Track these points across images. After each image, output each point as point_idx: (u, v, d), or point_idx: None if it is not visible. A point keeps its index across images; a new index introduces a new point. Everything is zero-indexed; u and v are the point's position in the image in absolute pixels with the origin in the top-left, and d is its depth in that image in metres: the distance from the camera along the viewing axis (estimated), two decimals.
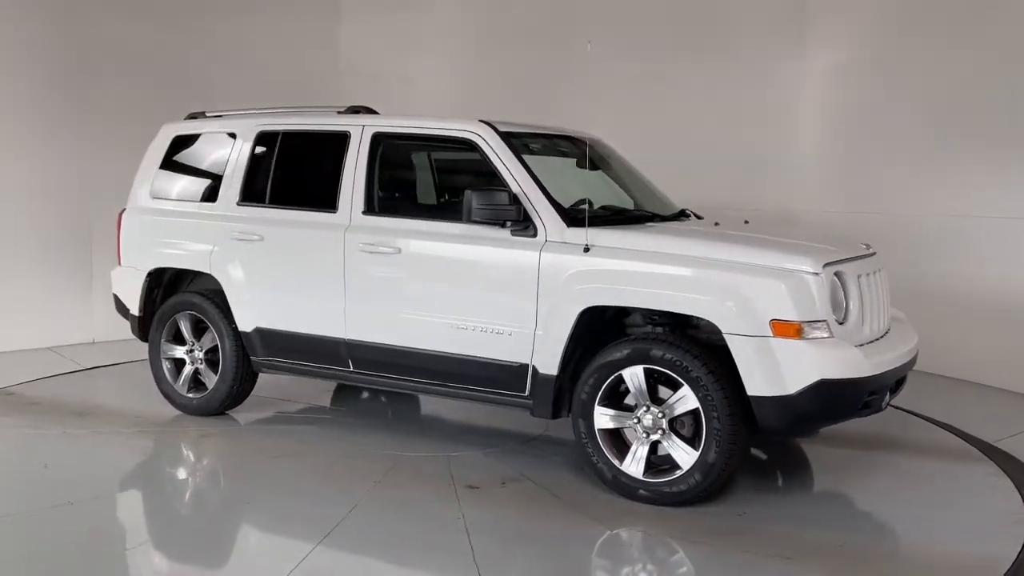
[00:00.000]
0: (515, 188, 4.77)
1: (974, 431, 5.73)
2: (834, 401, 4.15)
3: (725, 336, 4.18)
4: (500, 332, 4.77)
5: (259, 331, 5.61)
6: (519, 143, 5.05)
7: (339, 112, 5.68)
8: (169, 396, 6.07)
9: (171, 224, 6.01)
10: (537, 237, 4.69)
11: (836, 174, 8.19)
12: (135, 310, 6.18)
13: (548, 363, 4.64)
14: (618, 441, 4.57)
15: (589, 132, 5.50)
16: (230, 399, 5.90)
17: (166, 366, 6.07)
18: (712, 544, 4.05)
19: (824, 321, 4.15)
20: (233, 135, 5.88)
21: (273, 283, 5.56)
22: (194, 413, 5.95)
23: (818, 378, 4.07)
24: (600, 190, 5.42)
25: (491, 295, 4.82)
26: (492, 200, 4.67)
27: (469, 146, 5.07)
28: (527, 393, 4.78)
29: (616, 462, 4.52)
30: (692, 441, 4.34)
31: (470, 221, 4.75)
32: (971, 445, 5.52)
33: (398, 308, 5.11)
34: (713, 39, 8.60)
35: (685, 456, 4.35)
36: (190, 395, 5.99)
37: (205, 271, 5.80)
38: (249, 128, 5.81)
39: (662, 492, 4.41)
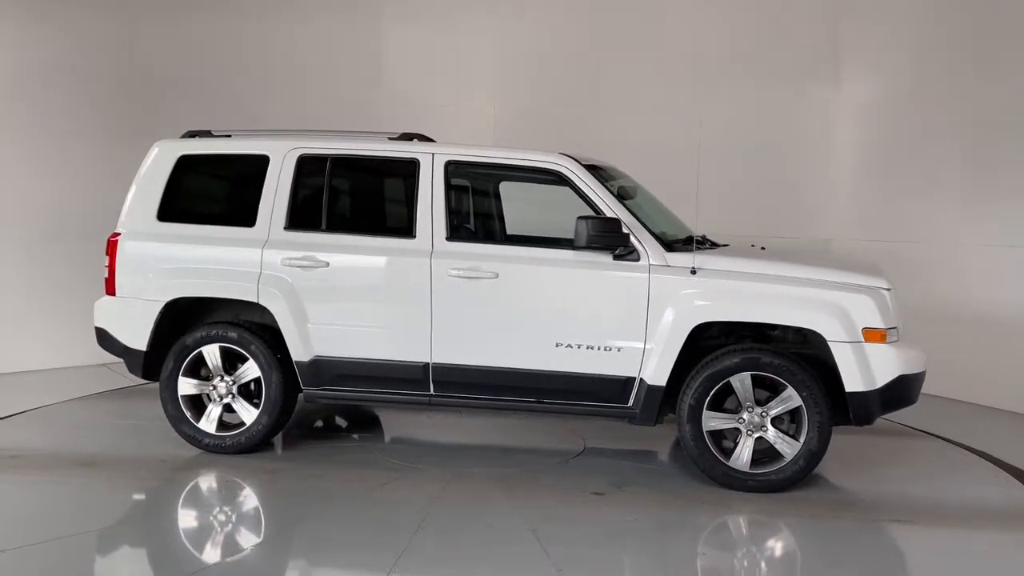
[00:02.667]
0: (610, 216, 5.20)
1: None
2: (905, 392, 5.11)
3: (829, 343, 4.97)
4: (609, 349, 5.18)
5: (317, 360, 5.45)
6: (598, 174, 5.48)
7: (391, 139, 5.70)
8: (193, 437, 5.62)
9: (196, 250, 5.60)
10: (641, 261, 5.17)
11: (866, 204, 8.49)
12: (139, 345, 5.64)
13: (657, 375, 5.13)
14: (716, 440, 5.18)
15: (604, 160, 6.00)
16: (272, 433, 5.63)
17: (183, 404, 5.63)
18: (825, 516, 4.82)
19: (896, 327, 5.10)
20: (264, 157, 5.63)
21: (339, 310, 5.44)
22: (225, 452, 5.58)
23: (898, 374, 5.01)
24: (643, 215, 5.96)
25: (600, 315, 5.20)
26: (606, 228, 5.07)
27: (555, 177, 5.42)
28: (631, 404, 5.22)
29: (723, 459, 5.13)
30: (792, 434, 5.08)
31: (582, 247, 5.12)
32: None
33: (495, 330, 5.29)
34: (745, 70, 8.92)
35: (788, 448, 5.07)
36: (220, 433, 5.61)
37: (250, 299, 5.50)
38: (283, 150, 5.62)
39: (770, 481, 5.09)
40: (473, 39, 9.69)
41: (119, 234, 5.72)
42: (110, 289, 5.74)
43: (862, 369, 4.97)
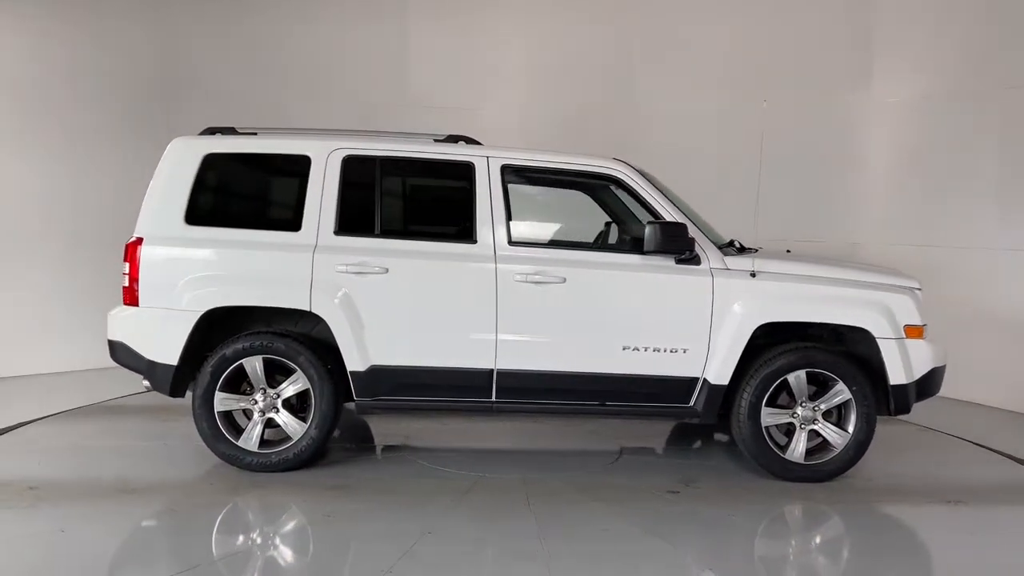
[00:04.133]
0: (676, 220, 5.34)
1: None
2: (935, 383, 5.56)
3: (878, 340, 5.34)
4: (675, 350, 5.31)
5: (374, 369, 5.24)
6: (650, 179, 5.59)
7: (437, 140, 5.56)
8: (233, 456, 5.27)
9: (237, 256, 5.23)
10: (702, 265, 5.34)
11: (900, 208, 8.52)
12: (169, 359, 5.20)
13: (720, 374, 5.32)
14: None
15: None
16: (321, 448, 5.36)
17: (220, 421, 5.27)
18: (886, 501, 5.20)
19: (927, 324, 5.55)
20: (305, 158, 5.34)
21: (399, 318, 5.25)
22: (271, 470, 5.26)
23: (932, 366, 5.46)
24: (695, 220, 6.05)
25: (666, 318, 5.31)
26: (675, 232, 5.20)
27: (611, 182, 5.49)
28: (692, 403, 5.39)
29: (779, 452, 5.40)
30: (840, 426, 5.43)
31: (651, 252, 5.22)
32: None
33: (562, 335, 5.29)
34: (775, 72, 8.95)
35: (838, 438, 5.41)
36: (264, 450, 5.28)
37: (301, 308, 5.20)
38: (325, 151, 5.35)
39: (823, 470, 5.41)
40: (499, 42, 9.66)
41: (140, 239, 5.25)
42: (130, 299, 5.25)
43: (904, 363, 5.37)
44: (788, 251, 6.28)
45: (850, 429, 5.40)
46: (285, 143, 5.45)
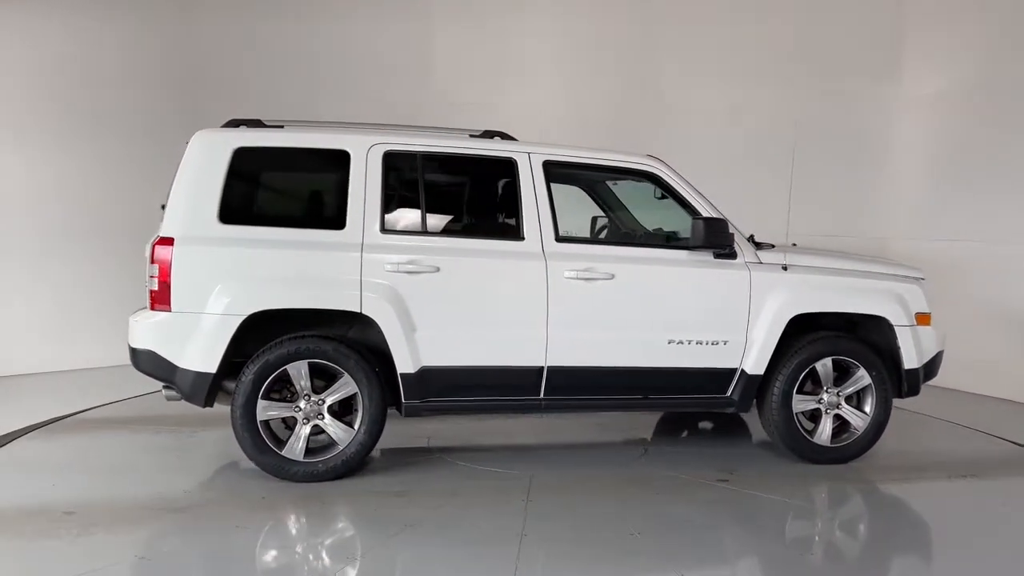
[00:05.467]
0: (716, 216, 5.48)
1: None
2: (938, 366, 5.97)
3: (895, 327, 5.69)
4: (717, 343, 5.46)
5: (425, 371, 5.11)
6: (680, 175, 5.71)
7: (472, 136, 5.47)
8: (278, 467, 5.00)
9: (281, 256, 4.95)
10: (738, 259, 5.51)
11: (931, 201, 8.46)
12: (206, 366, 4.87)
13: (757, 365, 5.52)
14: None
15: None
16: (368, 453, 5.18)
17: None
18: (910, 478, 5.59)
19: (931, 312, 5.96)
20: (344, 153, 5.13)
21: (450, 317, 5.13)
22: (319, 479, 5.03)
23: (937, 350, 5.88)
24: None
25: (709, 312, 5.46)
26: (719, 228, 5.34)
27: (647, 177, 5.57)
28: (729, 393, 5.56)
29: (808, 437, 5.66)
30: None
31: (698, 247, 5.35)
32: None
33: (611, 331, 5.33)
34: (803, 64, 8.86)
35: (860, 421, 5.73)
36: (311, 459, 5.04)
37: (352, 309, 4.99)
38: (364, 146, 5.15)
39: (846, 452, 5.72)
40: (522, 37, 9.58)
41: (170, 239, 4.88)
42: (161, 302, 4.87)
43: (916, 348, 5.76)
44: (794, 244, 6.56)
45: (869, 411, 5.73)
46: (320, 137, 5.21)
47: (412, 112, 8.04)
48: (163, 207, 5.91)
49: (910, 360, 5.75)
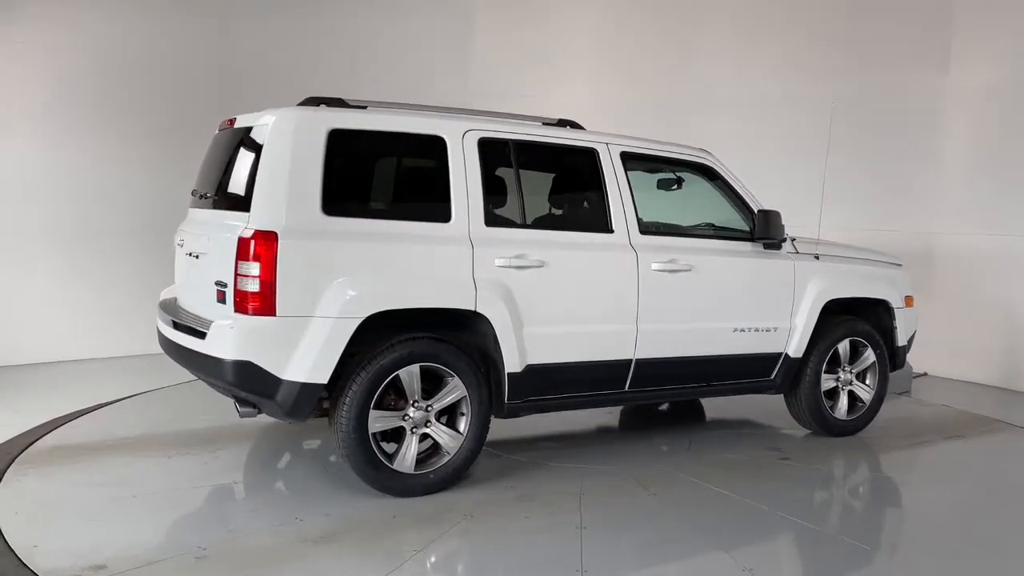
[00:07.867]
0: (755, 207, 5.77)
1: None
2: (912, 343, 6.73)
3: (894, 309, 6.33)
4: (769, 329, 5.76)
5: (530, 369, 4.90)
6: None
7: (546, 123, 5.30)
8: (389, 483, 4.58)
9: (395, 251, 4.49)
10: (782, 249, 5.85)
11: (974, 195, 8.26)
12: (317, 377, 4.32)
13: (798, 348, 5.90)
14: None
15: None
16: (473, 460, 4.87)
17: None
18: (918, 440, 6.29)
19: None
20: (439, 139, 4.76)
21: (554, 313, 4.95)
22: (429, 491, 4.67)
23: (914, 330, 6.63)
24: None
25: (765, 299, 5.73)
26: (777, 220, 5.64)
27: (703, 170, 5.72)
28: (773, 376, 5.90)
29: (832, 413, 6.16)
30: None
31: (761, 238, 5.61)
32: None
33: (690, 321, 5.43)
34: (848, 54, 8.64)
35: (866, 395, 6.33)
36: (421, 470, 4.66)
37: (467, 308, 4.65)
38: (459, 132, 4.82)
39: (856, 424, 6.30)
40: (561, 28, 9.39)
41: (273, 233, 4.25)
42: (263, 306, 4.23)
43: (905, 328, 6.47)
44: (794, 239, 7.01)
45: (873, 386, 6.34)
46: (414, 121, 4.78)
47: (454, 103, 7.66)
48: (194, 192, 5.21)
49: (901, 339, 6.45)
